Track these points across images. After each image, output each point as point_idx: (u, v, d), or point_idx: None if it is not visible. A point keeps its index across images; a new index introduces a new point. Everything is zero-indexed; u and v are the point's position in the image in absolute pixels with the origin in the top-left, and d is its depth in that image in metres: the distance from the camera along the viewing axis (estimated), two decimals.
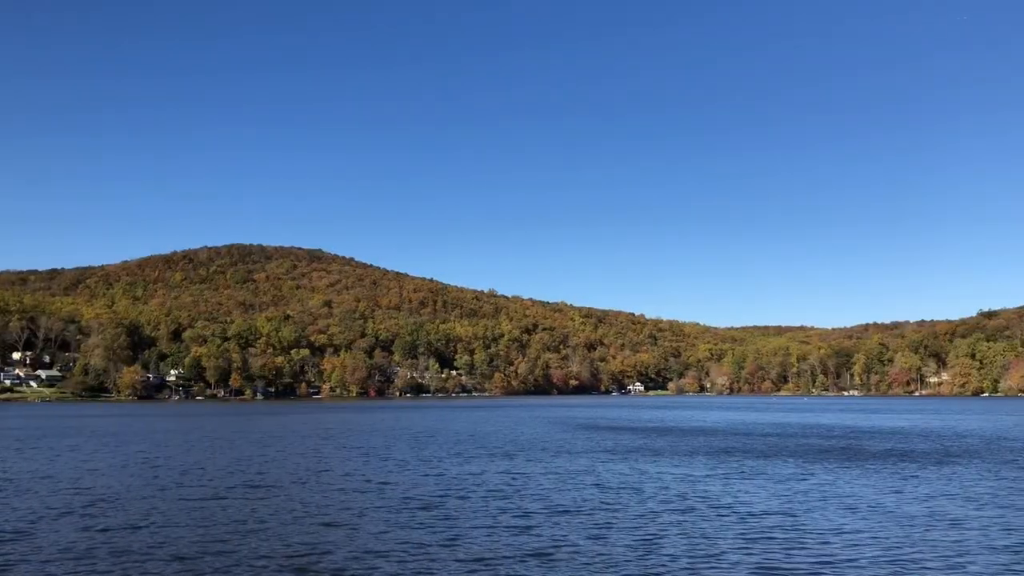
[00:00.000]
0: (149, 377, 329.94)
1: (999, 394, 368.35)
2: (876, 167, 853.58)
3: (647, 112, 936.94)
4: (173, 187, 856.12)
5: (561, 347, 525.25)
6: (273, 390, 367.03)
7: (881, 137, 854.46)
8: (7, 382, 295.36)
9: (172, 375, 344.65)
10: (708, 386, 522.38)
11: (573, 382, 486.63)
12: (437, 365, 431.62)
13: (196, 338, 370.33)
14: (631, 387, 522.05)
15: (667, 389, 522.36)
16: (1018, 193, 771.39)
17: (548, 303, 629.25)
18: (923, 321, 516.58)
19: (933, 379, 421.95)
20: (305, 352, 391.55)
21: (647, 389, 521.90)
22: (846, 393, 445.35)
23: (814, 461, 53.09)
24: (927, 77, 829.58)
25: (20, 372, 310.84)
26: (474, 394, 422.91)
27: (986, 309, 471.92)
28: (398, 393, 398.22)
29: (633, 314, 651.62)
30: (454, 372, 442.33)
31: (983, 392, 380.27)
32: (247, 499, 36.43)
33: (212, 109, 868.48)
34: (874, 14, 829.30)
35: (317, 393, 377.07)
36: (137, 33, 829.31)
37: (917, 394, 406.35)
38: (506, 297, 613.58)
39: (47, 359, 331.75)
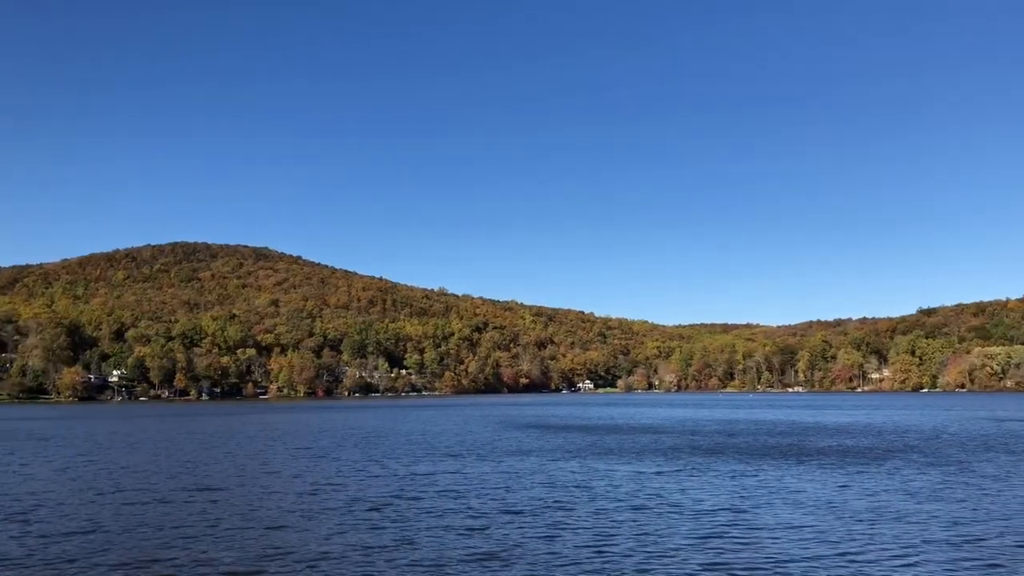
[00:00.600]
0: (90, 378, 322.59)
1: (938, 389, 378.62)
2: (819, 168, 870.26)
3: (594, 110, 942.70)
4: (115, 184, 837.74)
5: (511, 346, 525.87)
6: (219, 390, 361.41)
7: (823, 138, 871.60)
8: None
9: (114, 376, 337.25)
10: (656, 383, 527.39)
11: (523, 380, 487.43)
12: (386, 364, 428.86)
13: (139, 338, 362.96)
14: (581, 385, 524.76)
15: (616, 387, 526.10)
16: (955, 194, 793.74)
17: (499, 302, 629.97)
18: (865, 319, 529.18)
19: (875, 375, 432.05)
20: (252, 352, 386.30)
21: (596, 387, 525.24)
22: (791, 389, 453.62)
23: (762, 458, 53.81)
24: (865, 72, 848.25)
25: None
26: (424, 393, 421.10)
27: (925, 307, 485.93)
28: (347, 393, 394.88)
29: (583, 312, 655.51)
30: (404, 371, 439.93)
31: (922, 388, 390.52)
32: (192, 502, 35.63)
33: (155, 105, 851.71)
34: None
35: (264, 393, 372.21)
36: (72, 16, 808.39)
37: (859, 390, 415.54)
38: (456, 296, 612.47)
39: None
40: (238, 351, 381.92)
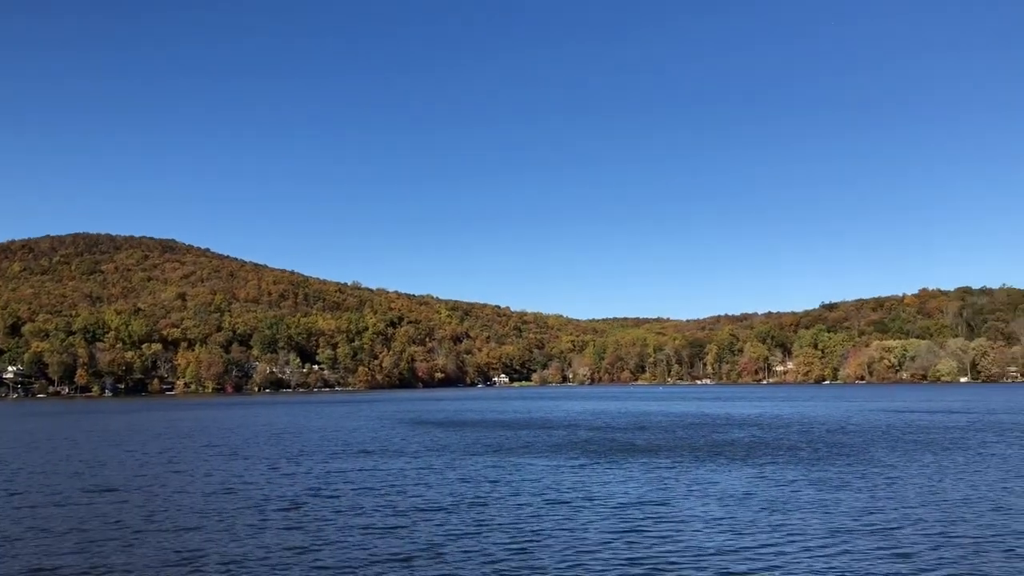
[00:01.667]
0: None
1: (839, 381, 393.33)
2: (726, 167, 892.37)
3: (504, 107, 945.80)
4: (12, 172, 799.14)
5: (427, 340, 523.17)
6: (123, 387, 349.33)
7: (730, 138, 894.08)
8: None
9: (10, 372, 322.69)
10: (570, 376, 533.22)
11: (439, 375, 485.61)
12: (298, 359, 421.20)
13: (37, 332, 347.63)
14: (496, 379, 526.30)
15: (531, 380, 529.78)
16: (854, 194, 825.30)
17: (414, 296, 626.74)
18: (770, 313, 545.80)
19: (779, 368, 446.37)
20: (157, 347, 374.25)
21: (512, 380, 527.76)
22: (699, 382, 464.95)
23: (677, 450, 54.65)
24: (779, 72, 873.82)
25: None
26: (337, 389, 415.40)
27: (827, 302, 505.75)
28: (257, 389, 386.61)
29: (499, 307, 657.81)
30: (316, 367, 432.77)
31: (824, 380, 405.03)
32: (95, 505, 33.95)
33: (58, 90, 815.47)
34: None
35: (171, 389, 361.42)
36: None
37: (765, 382, 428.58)
38: (370, 290, 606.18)
39: None
40: (143, 346, 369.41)
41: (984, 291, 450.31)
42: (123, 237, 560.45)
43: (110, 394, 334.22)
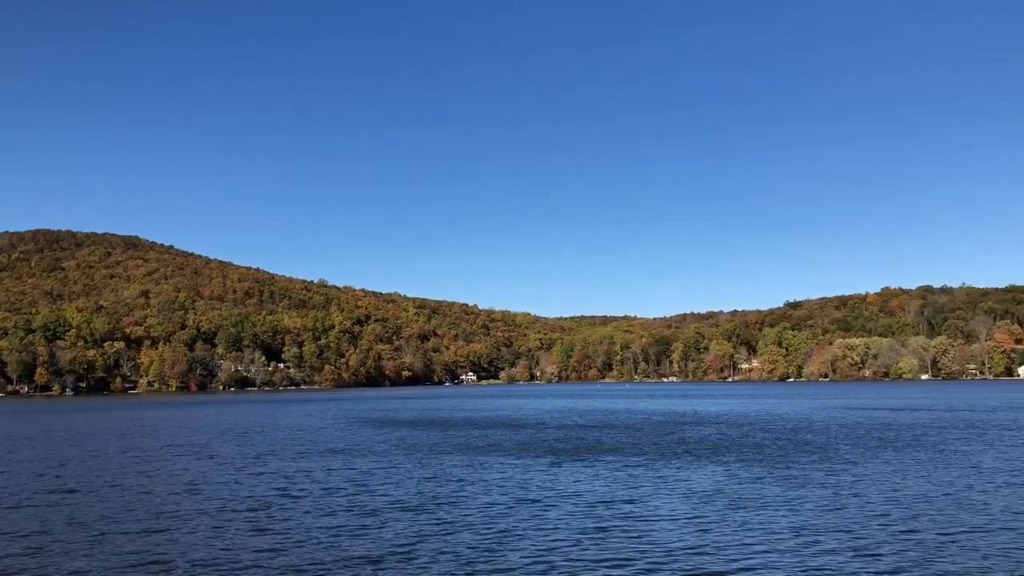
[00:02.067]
0: None
1: (803, 379, 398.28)
2: (694, 168, 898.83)
3: (478, 104, 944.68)
4: None
5: (394, 338, 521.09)
6: (84, 386, 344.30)
7: (698, 138, 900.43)
8: None
9: None
10: (538, 375, 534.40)
11: (406, 373, 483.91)
12: (263, 358, 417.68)
13: None
14: (464, 377, 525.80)
15: (499, 378, 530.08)
16: (819, 195, 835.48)
17: (381, 294, 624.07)
18: (736, 311, 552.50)
19: (744, 365, 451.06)
20: (120, 345, 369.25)
21: (480, 379, 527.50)
22: (666, 379, 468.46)
23: (645, 448, 54.96)
24: (741, 74, 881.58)
25: None
26: (303, 387, 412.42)
27: (792, 300, 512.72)
28: (222, 387, 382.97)
29: (466, 305, 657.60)
30: (282, 365, 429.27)
31: (789, 377, 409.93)
32: (56, 506, 33.32)
33: (13, 84, 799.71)
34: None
35: (134, 388, 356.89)
36: None
37: (730, 379, 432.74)
38: (337, 288, 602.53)
39: None
40: (105, 344, 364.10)
41: (944, 290, 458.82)
42: (85, 234, 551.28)
43: (71, 393, 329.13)
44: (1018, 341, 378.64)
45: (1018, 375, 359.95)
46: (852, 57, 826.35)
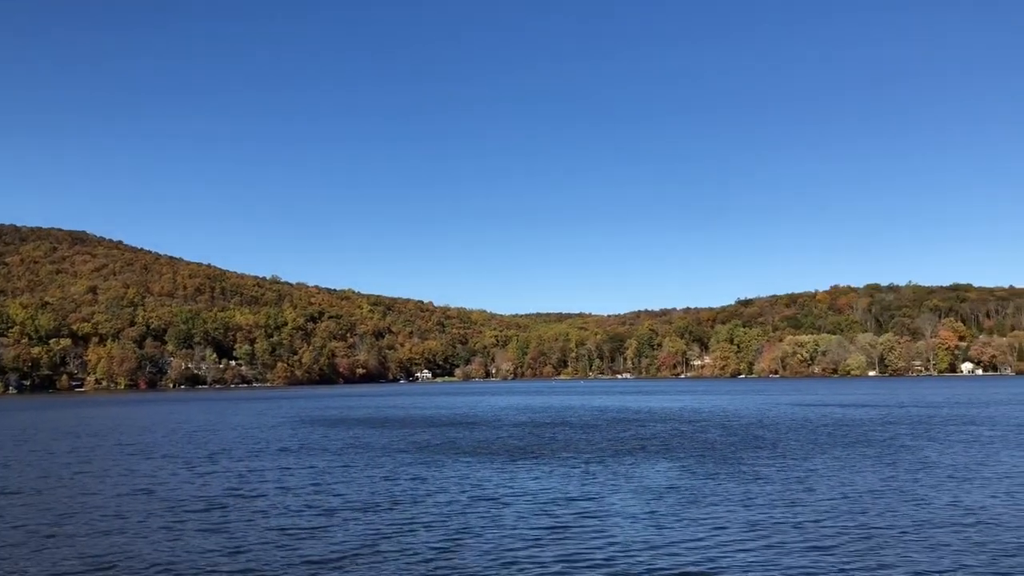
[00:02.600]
0: None
1: (754, 375, 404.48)
2: (645, 167, 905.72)
3: (436, 97, 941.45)
4: None
5: (348, 335, 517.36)
6: (28, 384, 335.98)
7: (654, 137, 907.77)
8: None
9: None
10: (494, 372, 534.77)
11: (360, 371, 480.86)
12: (215, 355, 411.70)
13: None
14: (419, 374, 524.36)
15: (454, 375, 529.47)
16: (768, 194, 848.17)
17: (335, 290, 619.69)
18: (689, 308, 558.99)
19: (697, 362, 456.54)
20: (67, 342, 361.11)
21: (435, 376, 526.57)
22: (620, 376, 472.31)
23: (602, 445, 55.29)
24: (703, 67, 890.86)
25: None
26: (255, 385, 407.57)
27: (743, 298, 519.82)
28: (172, 385, 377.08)
29: (422, 302, 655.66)
30: (233, 362, 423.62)
31: (740, 373, 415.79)
32: None
33: None
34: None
35: (80, 386, 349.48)
36: None
37: (683, 376, 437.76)
38: (290, 284, 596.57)
39: None
40: (51, 341, 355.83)
41: (891, 288, 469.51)
42: (29, 228, 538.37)
43: (15, 391, 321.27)
44: (961, 338, 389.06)
45: (961, 371, 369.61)
46: (812, 56, 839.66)
